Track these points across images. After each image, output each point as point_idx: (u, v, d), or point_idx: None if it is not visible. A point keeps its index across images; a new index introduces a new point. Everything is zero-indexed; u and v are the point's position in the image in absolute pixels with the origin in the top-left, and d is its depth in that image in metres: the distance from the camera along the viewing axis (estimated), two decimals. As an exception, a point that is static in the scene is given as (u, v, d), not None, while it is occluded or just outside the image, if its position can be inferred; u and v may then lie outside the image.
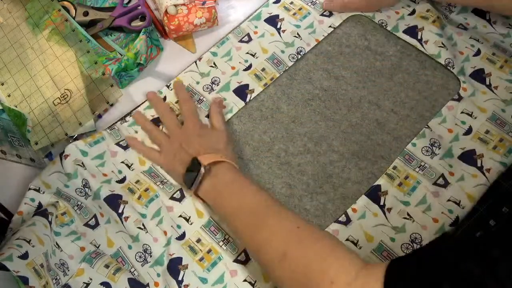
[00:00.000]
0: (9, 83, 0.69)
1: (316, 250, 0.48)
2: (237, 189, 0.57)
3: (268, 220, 0.52)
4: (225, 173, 0.58)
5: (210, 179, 0.58)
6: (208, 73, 0.71)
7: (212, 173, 0.58)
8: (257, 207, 0.54)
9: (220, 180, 0.58)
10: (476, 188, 0.61)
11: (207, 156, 0.59)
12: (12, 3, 0.74)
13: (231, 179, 0.58)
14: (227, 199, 0.57)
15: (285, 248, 0.49)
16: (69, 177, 0.63)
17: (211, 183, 0.58)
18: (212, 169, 0.58)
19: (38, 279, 0.52)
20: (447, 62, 0.70)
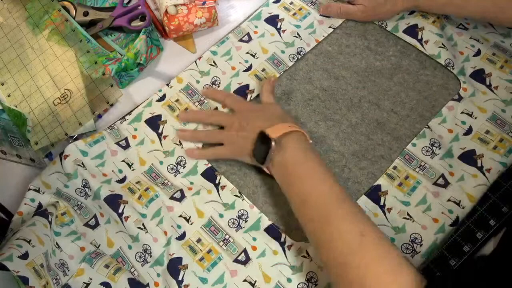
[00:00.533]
0: (9, 83, 0.69)
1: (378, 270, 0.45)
2: (307, 174, 0.54)
3: (332, 219, 0.50)
4: (295, 149, 0.55)
5: (281, 154, 0.55)
6: (208, 72, 0.71)
7: (282, 146, 0.55)
8: (324, 201, 0.52)
9: (290, 157, 0.55)
10: (476, 188, 0.61)
11: (274, 127, 0.56)
12: (12, 3, 0.74)
13: (301, 158, 0.55)
14: (297, 183, 0.54)
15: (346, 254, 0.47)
16: (69, 177, 0.63)
17: (282, 159, 0.55)
18: (283, 142, 0.55)
19: (38, 279, 0.52)
20: (447, 63, 0.70)
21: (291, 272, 0.58)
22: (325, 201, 0.52)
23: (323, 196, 0.52)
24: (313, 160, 0.56)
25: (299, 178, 0.54)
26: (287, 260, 0.59)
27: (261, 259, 0.59)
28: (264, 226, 0.61)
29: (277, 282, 0.58)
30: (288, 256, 0.59)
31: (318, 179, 0.54)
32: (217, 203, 0.62)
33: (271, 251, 0.59)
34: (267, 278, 0.58)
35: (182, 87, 0.70)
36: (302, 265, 0.58)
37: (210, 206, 0.62)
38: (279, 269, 0.59)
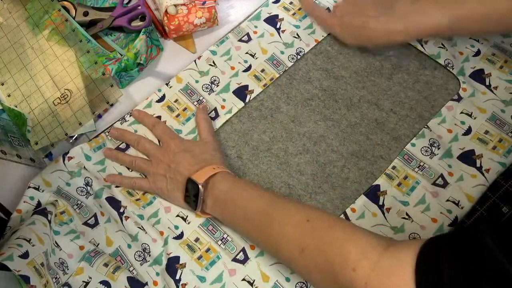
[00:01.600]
0: (9, 83, 0.70)
1: (331, 238, 0.46)
2: (238, 195, 0.56)
3: (275, 220, 0.51)
4: (222, 183, 0.57)
5: (210, 194, 0.57)
6: (208, 72, 0.71)
7: (209, 188, 0.57)
8: (262, 208, 0.53)
9: (220, 192, 0.57)
10: (475, 188, 0.61)
11: (200, 173, 0.57)
12: (12, 3, 0.74)
13: (229, 186, 0.57)
14: (232, 208, 0.56)
15: (300, 243, 0.48)
16: (72, 175, 0.64)
17: (212, 197, 0.57)
18: (209, 184, 0.57)
19: (39, 278, 0.52)
20: (447, 63, 0.70)
21: (289, 271, 0.58)
22: (263, 207, 0.53)
23: (260, 204, 0.54)
24: (242, 182, 0.58)
25: (233, 202, 0.56)
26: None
27: (259, 258, 0.59)
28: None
29: (276, 281, 0.58)
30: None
31: (250, 194, 0.55)
32: None
33: (270, 251, 0.60)
34: (266, 277, 0.58)
35: (182, 87, 0.70)
36: (300, 265, 0.59)
37: None
38: (277, 268, 0.59)
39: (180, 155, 0.61)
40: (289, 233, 0.50)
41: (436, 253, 0.39)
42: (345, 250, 0.44)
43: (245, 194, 0.56)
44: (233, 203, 0.56)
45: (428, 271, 0.38)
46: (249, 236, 0.57)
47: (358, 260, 0.43)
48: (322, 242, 0.47)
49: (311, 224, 0.49)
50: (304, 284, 0.58)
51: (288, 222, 0.50)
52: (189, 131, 0.67)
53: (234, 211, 0.56)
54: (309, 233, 0.48)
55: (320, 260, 0.46)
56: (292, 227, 0.50)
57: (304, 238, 0.48)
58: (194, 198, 0.57)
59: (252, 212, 0.54)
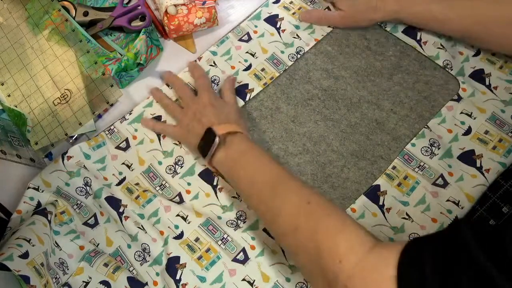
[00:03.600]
0: (9, 83, 0.70)
1: (326, 226, 0.48)
2: (250, 160, 0.57)
3: (279, 194, 0.53)
4: (239, 144, 0.59)
5: (224, 149, 0.59)
6: (208, 72, 0.71)
7: (226, 144, 0.59)
8: (269, 180, 0.55)
9: (234, 150, 0.58)
10: (475, 188, 0.61)
11: (221, 126, 0.59)
12: (12, 3, 0.74)
13: (245, 149, 0.58)
14: (240, 170, 0.57)
15: (296, 222, 0.50)
16: (71, 175, 0.64)
17: (225, 153, 0.59)
18: (227, 140, 0.59)
19: (39, 278, 0.52)
20: (445, 64, 0.70)
21: (290, 272, 0.58)
22: (271, 179, 0.55)
23: (268, 175, 0.55)
24: (257, 150, 0.59)
25: (243, 167, 0.57)
26: (286, 260, 0.59)
27: (260, 258, 0.59)
28: (262, 226, 0.61)
29: (276, 281, 0.58)
30: (287, 256, 0.59)
31: (262, 163, 0.57)
32: (215, 205, 0.63)
33: (270, 251, 0.60)
34: (266, 278, 0.58)
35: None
36: (300, 265, 0.59)
37: (208, 209, 0.62)
38: (278, 269, 0.59)
39: (208, 108, 0.63)
40: (287, 209, 0.51)
41: (418, 251, 0.40)
42: (335, 241, 0.46)
43: (257, 161, 0.57)
44: (243, 166, 0.57)
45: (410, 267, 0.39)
46: (249, 202, 0.58)
47: (346, 254, 0.44)
48: (316, 228, 0.48)
49: (310, 207, 0.50)
50: (304, 284, 0.58)
51: (290, 199, 0.52)
52: (189, 131, 0.67)
53: (242, 174, 0.57)
54: (306, 215, 0.50)
55: (310, 244, 0.47)
56: (292, 205, 0.51)
57: (300, 218, 0.50)
58: (207, 147, 0.59)
59: (259, 181, 0.55)
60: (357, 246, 0.44)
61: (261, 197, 0.54)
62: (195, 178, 0.64)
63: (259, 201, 0.55)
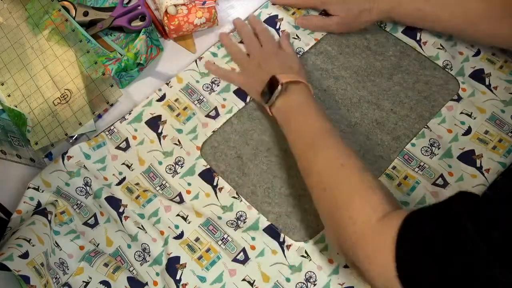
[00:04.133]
0: (9, 83, 0.70)
1: (348, 187, 0.51)
2: (304, 112, 0.60)
3: (317, 149, 0.56)
4: (299, 94, 0.61)
5: (284, 97, 0.61)
6: (208, 73, 0.71)
7: (287, 92, 0.61)
8: (315, 135, 0.57)
9: (293, 100, 0.61)
10: (475, 188, 0.62)
11: (284, 75, 0.62)
12: (12, 3, 0.74)
13: (302, 101, 0.61)
14: (292, 120, 0.60)
15: (325, 181, 0.53)
16: (71, 175, 0.64)
17: (284, 101, 0.61)
18: (288, 88, 0.61)
19: (39, 278, 0.52)
20: (445, 64, 0.70)
21: (290, 272, 0.58)
22: (315, 134, 0.58)
23: (315, 130, 0.58)
24: (312, 104, 0.61)
25: (295, 117, 0.60)
26: (286, 260, 0.59)
27: (260, 259, 0.59)
28: (263, 226, 0.61)
29: (276, 281, 0.58)
30: (287, 256, 0.59)
31: (312, 116, 0.59)
32: (215, 205, 0.63)
33: (270, 251, 0.60)
34: (266, 278, 0.58)
35: (182, 87, 0.70)
36: (301, 265, 0.59)
37: (209, 209, 0.62)
38: (278, 269, 0.59)
39: (272, 57, 0.67)
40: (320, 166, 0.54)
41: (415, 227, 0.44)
42: (352, 202, 0.49)
43: (309, 114, 0.60)
44: (295, 117, 0.60)
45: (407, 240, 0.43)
46: (294, 153, 0.60)
47: (358, 215, 0.48)
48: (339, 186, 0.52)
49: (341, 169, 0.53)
50: (304, 285, 0.58)
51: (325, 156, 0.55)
52: (190, 130, 0.67)
53: (293, 124, 0.60)
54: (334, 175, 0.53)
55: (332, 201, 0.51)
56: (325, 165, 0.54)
57: (329, 178, 0.53)
58: (269, 94, 0.62)
59: (304, 134, 0.59)
60: (369, 211, 0.48)
61: (303, 155, 0.57)
62: (195, 178, 0.64)
63: (300, 152, 0.58)
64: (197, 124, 0.68)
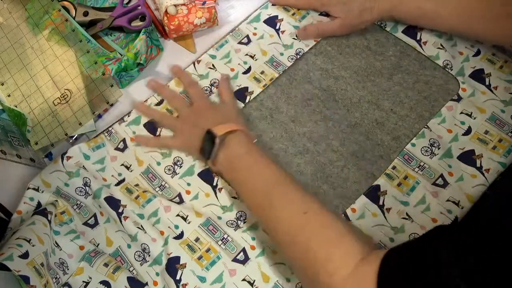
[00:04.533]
0: (9, 83, 0.70)
1: (320, 239, 0.48)
2: (249, 163, 0.58)
3: (275, 202, 0.53)
4: (239, 144, 0.59)
5: (225, 150, 0.59)
6: (207, 75, 0.71)
7: (226, 144, 0.59)
8: (266, 186, 0.55)
9: (234, 152, 0.58)
10: (475, 188, 0.61)
11: (220, 126, 0.59)
12: (12, 3, 0.74)
13: (245, 150, 0.58)
14: (239, 173, 0.58)
15: (292, 233, 0.50)
16: (70, 175, 0.64)
17: (225, 155, 0.59)
18: (226, 140, 0.59)
19: (39, 278, 0.52)
20: (445, 64, 0.70)
21: (290, 272, 0.58)
22: (267, 183, 0.55)
23: (266, 181, 0.55)
24: (256, 152, 0.59)
25: (242, 169, 0.58)
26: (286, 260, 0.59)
27: (260, 259, 0.59)
28: (263, 226, 0.61)
29: (276, 281, 0.58)
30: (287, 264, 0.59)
31: (260, 167, 0.57)
32: (215, 205, 0.63)
33: (270, 251, 0.60)
34: (266, 278, 0.58)
35: (181, 90, 0.70)
36: (301, 265, 0.58)
37: (208, 210, 0.62)
38: (278, 269, 0.59)
39: (205, 112, 0.64)
40: (283, 220, 0.51)
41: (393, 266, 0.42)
42: (329, 254, 0.46)
43: (256, 165, 0.57)
44: (242, 169, 0.58)
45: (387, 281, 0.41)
46: (248, 206, 0.58)
47: (338, 268, 0.45)
48: (312, 239, 0.48)
49: (307, 218, 0.50)
50: (304, 284, 0.58)
51: (286, 210, 0.52)
52: (189, 131, 0.67)
53: (240, 177, 0.58)
54: (302, 226, 0.50)
55: (307, 255, 0.48)
56: (288, 216, 0.51)
57: (296, 230, 0.50)
58: (209, 150, 0.59)
59: (256, 187, 0.55)
60: (349, 259, 0.45)
61: (259, 204, 0.55)
62: (194, 178, 0.64)
63: (257, 207, 0.55)
64: None
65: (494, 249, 0.38)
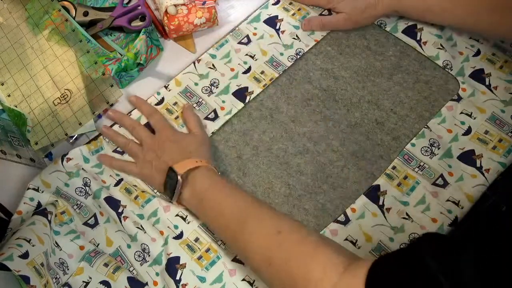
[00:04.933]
0: (9, 83, 0.70)
1: (297, 255, 0.47)
2: (215, 194, 0.57)
3: (247, 226, 0.52)
4: (202, 179, 0.58)
5: (188, 187, 0.58)
6: (207, 75, 0.71)
7: (189, 181, 0.58)
8: (236, 213, 0.54)
9: (198, 187, 0.58)
10: (475, 188, 0.61)
11: (181, 163, 0.58)
12: (12, 3, 0.74)
13: (209, 184, 0.58)
14: (207, 206, 0.57)
15: (268, 254, 0.49)
16: (70, 175, 0.64)
17: (190, 191, 0.58)
18: (189, 176, 0.58)
19: (39, 278, 0.52)
20: (445, 64, 0.70)
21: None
22: (238, 210, 0.54)
23: (234, 207, 0.55)
24: (220, 183, 0.58)
25: (209, 201, 0.57)
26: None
27: (260, 259, 0.59)
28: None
29: (276, 281, 0.58)
30: None
31: (226, 195, 0.56)
32: None
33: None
34: (266, 278, 0.58)
35: (181, 90, 0.70)
36: (300, 265, 0.58)
37: None
38: (277, 269, 0.59)
39: (167, 144, 0.63)
40: (258, 243, 0.50)
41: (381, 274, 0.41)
42: (309, 268, 0.45)
43: (222, 195, 0.57)
44: (209, 202, 0.57)
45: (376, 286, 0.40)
46: (222, 238, 0.58)
47: (320, 280, 0.44)
48: (289, 257, 0.47)
49: (282, 237, 0.49)
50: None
51: (259, 232, 0.51)
52: (189, 131, 0.67)
53: (209, 210, 0.57)
54: (277, 246, 0.49)
55: (284, 275, 0.47)
56: (262, 237, 0.50)
57: (272, 251, 0.49)
58: (172, 188, 0.58)
59: (226, 216, 0.55)
60: (330, 270, 0.44)
61: (231, 231, 0.54)
62: None
63: (230, 237, 0.54)
64: None
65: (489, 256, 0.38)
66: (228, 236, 0.55)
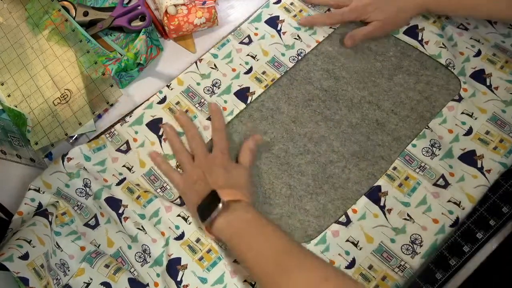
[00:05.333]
0: (9, 83, 0.69)
1: None
2: (257, 230, 0.54)
3: (292, 272, 0.49)
4: (244, 212, 0.55)
5: (227, 215, 0.55)
6: (209, 75, 0.71)
7: (229, 210, 0.55)
8: (277, 255, 0.51)
9: (238, 219, 0.55)
10: (477, 188, 0.61)
11: (228, 191, 0.56)
12: (12, 3, 0.74)
13: (250, 218, 0.55)
14: (246, 240, 0.54)
15: None
16: (71, 176, 0.64)
17: (227, 220, 0.55)
18: (230, 206, 0.55)
19: (38, 279, 0.52)
20: (448, 63, 0.70)
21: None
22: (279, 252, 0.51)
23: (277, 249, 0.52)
24: (263, 220, 0.55)
25: (249, 235, 0.54)
26: None
27: (261, 260, 0.59)
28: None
29: (277, 282, 0.58)
30: None
31: (269, 234, 0.54)
32: None
33: (271, 252, 0.59)
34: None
35: (183, 89, 0.70)
36: (302, 266, 0.58)
37: None
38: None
39: (218, 169, 0.61)
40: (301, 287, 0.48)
41: None
42: None
43: (263, 233, 0.54)
44: (247, 237, 0.54)
45: None
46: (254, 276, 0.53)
47: None
48: None
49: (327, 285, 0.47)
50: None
51: (305, 278, 0.48)
52: (190, 131, 0.67)
53: (246, 245, 0.54)
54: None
55: None
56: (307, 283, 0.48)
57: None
58: (207, 211, 0.56)
59: (266, 255, 0.52)
60: None
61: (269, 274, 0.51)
62: None
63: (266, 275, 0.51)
64: (199, 127, 0.67)
65: None
66: (264, 275, 0.51)
